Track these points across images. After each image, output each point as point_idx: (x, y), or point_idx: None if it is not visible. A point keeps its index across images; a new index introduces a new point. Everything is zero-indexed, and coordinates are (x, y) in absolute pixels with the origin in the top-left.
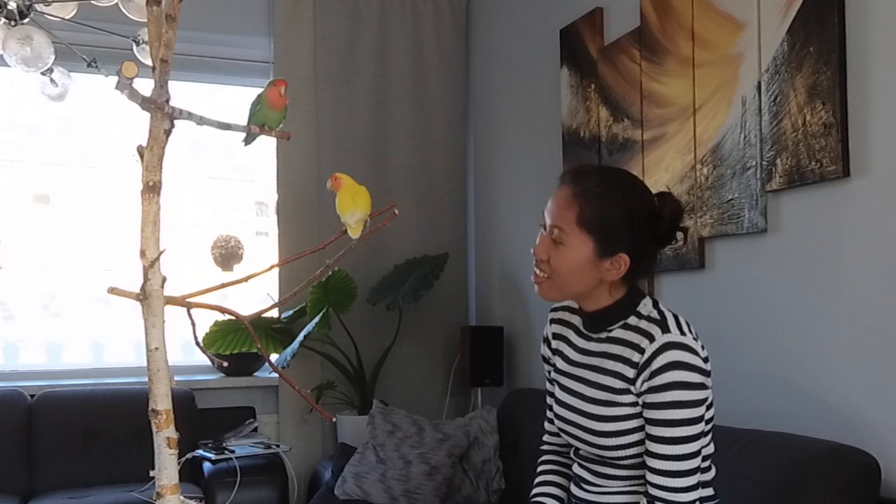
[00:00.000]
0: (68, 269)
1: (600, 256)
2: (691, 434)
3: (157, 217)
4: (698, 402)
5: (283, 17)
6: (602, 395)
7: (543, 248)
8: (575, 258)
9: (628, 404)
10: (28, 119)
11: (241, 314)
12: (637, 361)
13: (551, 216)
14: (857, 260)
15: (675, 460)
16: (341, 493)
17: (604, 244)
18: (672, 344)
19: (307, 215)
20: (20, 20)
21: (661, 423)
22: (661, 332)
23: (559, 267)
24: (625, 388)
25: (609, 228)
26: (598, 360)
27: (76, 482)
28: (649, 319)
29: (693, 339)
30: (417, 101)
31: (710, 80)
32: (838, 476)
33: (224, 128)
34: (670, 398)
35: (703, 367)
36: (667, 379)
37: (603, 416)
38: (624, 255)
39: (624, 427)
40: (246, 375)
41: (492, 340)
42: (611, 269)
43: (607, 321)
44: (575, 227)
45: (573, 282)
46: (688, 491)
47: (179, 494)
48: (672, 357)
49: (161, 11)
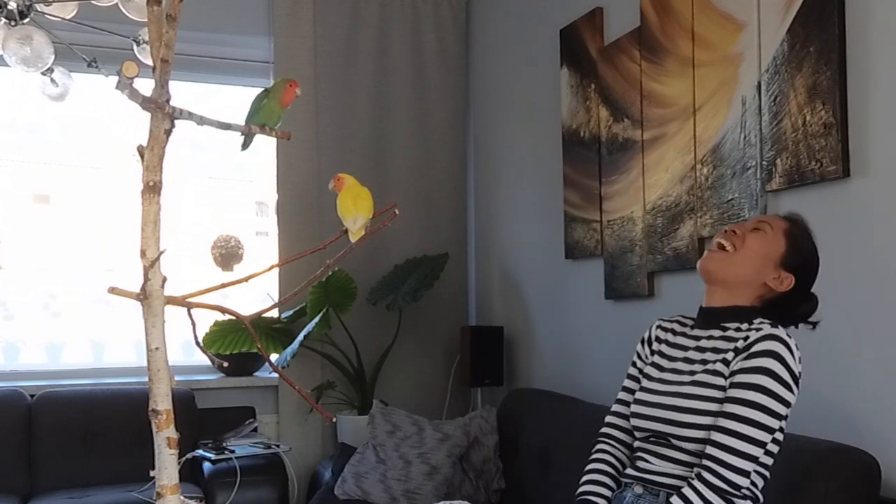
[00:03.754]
0: (68, 269)
1: (781, 263)
2: (764, 423)
3: (158, 217)
4: (780, 398)
5: (283, 17)
6: (700, 377)
7: (743, 227)
8: (768, 246)
9: (719, 387)
10: (28, 119)
11: (241, 314)
12: (739, 346)
13: (763, 217)
14: (857, 260)
15: (739, 439)
16: (341, 493)
17: (791, 256)
18: (777, 337)
19: (307, 215)
20: (20, 20)
21: (739, 402)
22: (771, 327)
23: (752, 244)
24: (721, 370)
25: (802, 249)
26: (703, 353)
27: (76, 482)
28: (761, 323)
29: (796, 346)
30: (417, 101)
31: (710, 80)
32: (838, 476)
33: (224, 128)
34: (757, 381)
35: (795, 372)
36: (759, 363)
37: (692, 394)
38: (792, 277)
39: (706, 407)
40: (246, 375)
41: (492, 340)
42: (778, 279)
43: (725, 318)
44: (780, 231)
45: (749, 265)
46: (740, 473)
47: (179, 494)
48: (772, 346)
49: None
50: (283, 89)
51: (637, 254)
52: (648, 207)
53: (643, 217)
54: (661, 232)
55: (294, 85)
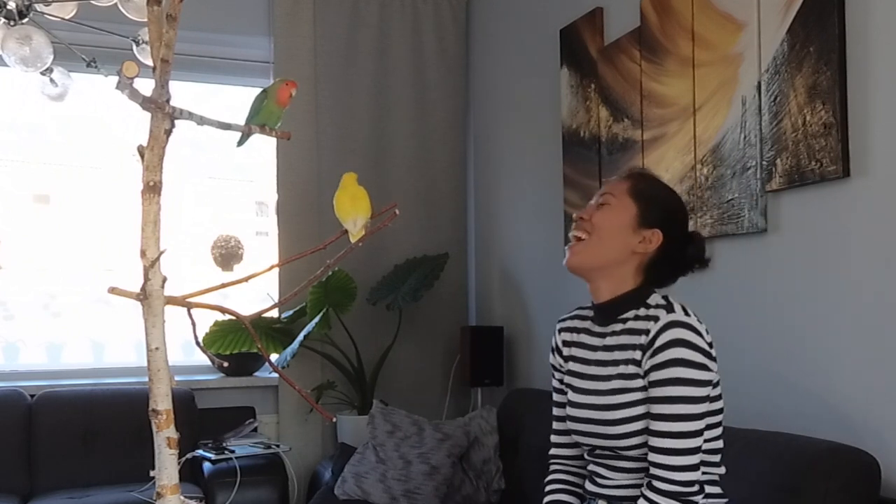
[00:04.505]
0: (68, 269)
1: (640, 224)
2: (693, 413)
3: (158, 217)
4: (699, 381)
5: (283, 17)
6: (616, 384)
7: (589, 210)
8: (617, 217)
9: (639, 389)
10: (28, 119)
11: (241, 314)
12: (644, 343)
13: (604, 189)
14: (857, 260)
15: (675, 438)
16: (341, 493)
17: (645, 213)
18: (675, 322)
19: (307, 215)
20: (19, 20)
21: (662, 401)
22: (666, 312)
23: (601, 223)
24: (635, 372)
25: (654, 200)
26: (612, 353)
27: (76, 482)
28: (657, 306)
29: (697, 321)
30: (417, 101)
31: (710, 80)
32: (838, 476)
33: (224, 128)
34: (671, 375)
35: (705, 349)
36: (669, 356)
37: (615, 403)
38: (658, 232)
39: (634, 413)
40: (246, 375)
41: (492, 340)
42: (644, 241)
43: (619, 310)
44: (625, 194)
45: (607, 243)
46: (687, 470)
47: (179, 494)
48: (674, 335)
49: (161, 11)
50: (279, 89)
51: None
52: None
53: None
54: None
55: (290, 85)
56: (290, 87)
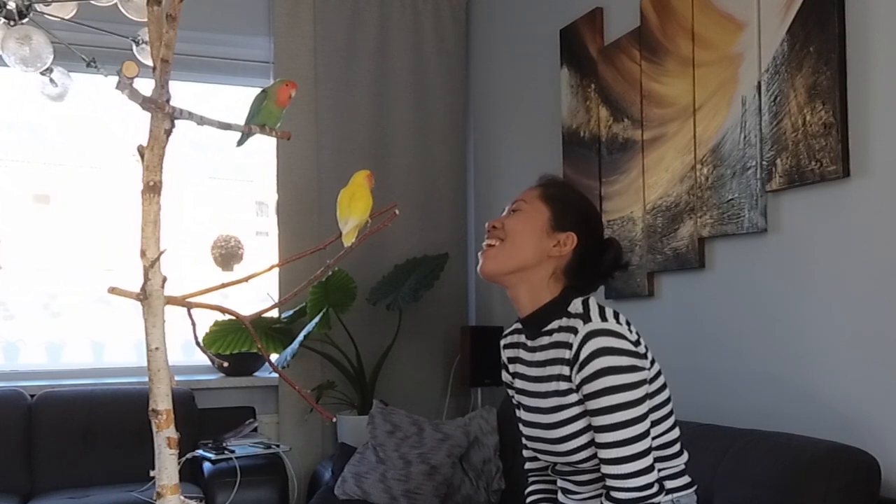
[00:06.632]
0: (68, 269)
1: (553, 227)
2: (633, 417)
3: (158, 217)
4: (632, 384)
5: (283, 17)
6: (553, 401)
7: (501, 218)
8: (530, 221)
9: (575, 403)
10: (28, 119)
11: (241, 314)
12: (569, 357)
13: (516, 197)
14: (857, 260)
15: (621, 446)
16: (341, 493)
17: (559, 216)
18: (594, 332)
19: (307, 215)
20: (19, 20)
21: (600, 412)
22: (583, 322)
23: (513, 228)
24: (568, 387)
25: (566, 204)
26: (544, 368)
27: (76, 482)
28: (575, 315)
29: (616, 323)
30: (417, 101)
31: (710, 80)
32: (838, 476)
33: (224, 128)
34: (602, 385)
35: (630, 350)
36: (595, 367)
37: (557, 421)
38: (573, 234)
39: (577, 428)
40: (246, 375)
41: (492, 340)
42: (558, 244)
43: (543, 321)
44: (537, 199)
45: (521, 247)
46: (641, 475)
47: (179, 494)
48: (596, 345)
49: (161, 11)
50: (279, 90)
51: (637, 254)
52: (648, 207)
53: (643, 217)
54: (662, 232)
55: (290, 85)
56: (290, 88)
